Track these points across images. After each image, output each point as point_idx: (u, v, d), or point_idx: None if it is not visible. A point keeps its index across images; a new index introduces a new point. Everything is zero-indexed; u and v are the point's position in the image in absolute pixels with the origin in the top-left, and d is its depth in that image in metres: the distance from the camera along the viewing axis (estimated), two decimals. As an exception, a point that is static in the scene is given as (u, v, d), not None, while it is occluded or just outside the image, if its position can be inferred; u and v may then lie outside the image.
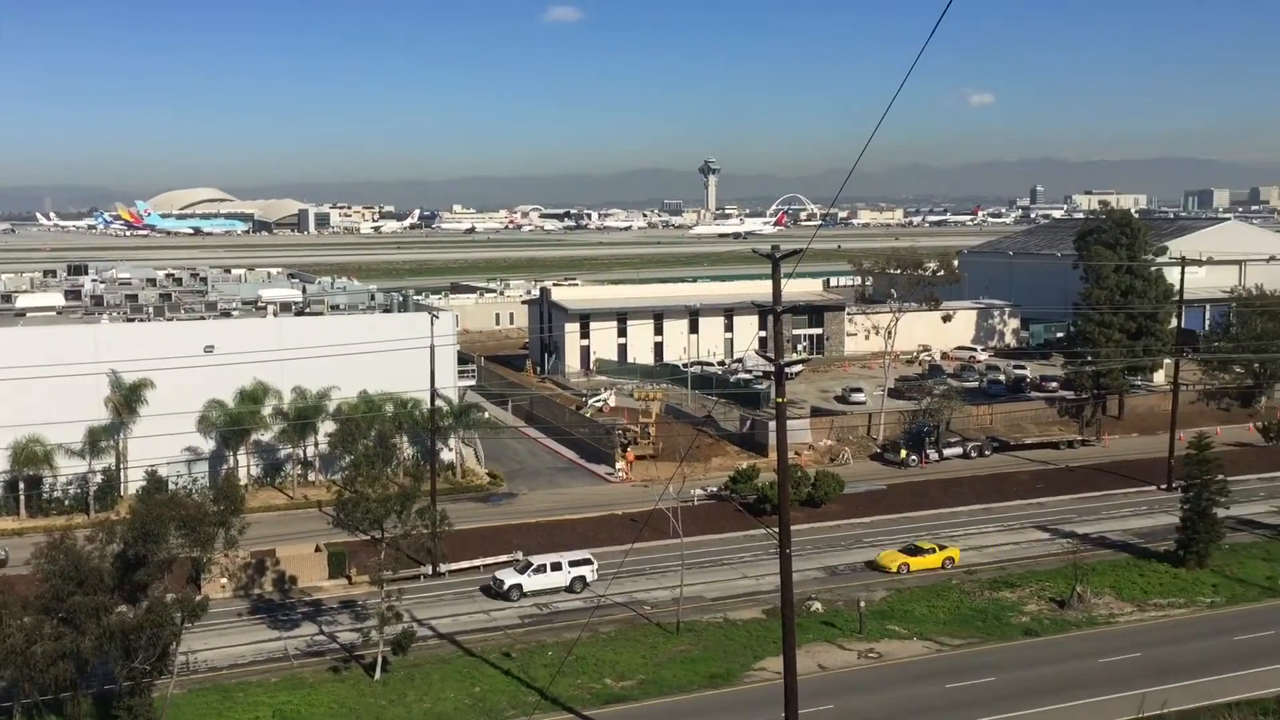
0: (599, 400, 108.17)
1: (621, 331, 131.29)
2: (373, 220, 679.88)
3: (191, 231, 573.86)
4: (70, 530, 49.55)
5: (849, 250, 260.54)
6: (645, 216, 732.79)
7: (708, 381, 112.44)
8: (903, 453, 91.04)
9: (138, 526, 46.29)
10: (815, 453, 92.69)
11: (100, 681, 47.82)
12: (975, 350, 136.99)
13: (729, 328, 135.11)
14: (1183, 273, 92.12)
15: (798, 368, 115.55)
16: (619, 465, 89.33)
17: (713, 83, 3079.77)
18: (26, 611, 44.36)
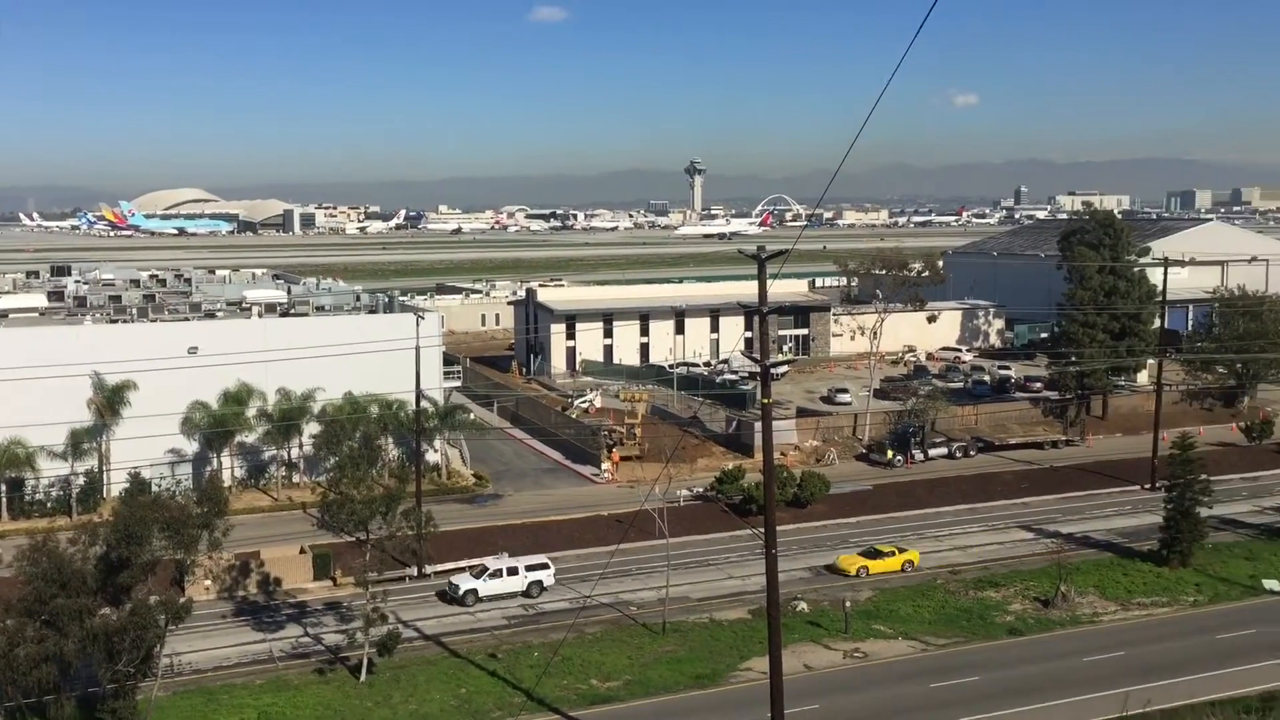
0: (585, 401, 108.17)
1: (607, 332, 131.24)
2: (358, 221, 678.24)
3: (176, 232, 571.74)
4: (53, 532, 49.34)
5: (834, 251, 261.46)
6: (631, 217, 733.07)
7: (693, 382, 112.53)
8: (889, 453, 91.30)
9: (121, 528, 46.16)
10: (801, 453, 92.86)
11: (84, 684, 47.62)
12: (960, 351, 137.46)
13: (715, 328, 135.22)
14: (1165, 273, 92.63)
15: (783, 368, 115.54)
16: (605, 466, 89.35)
17: (699, 83, 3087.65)
18: (9, 614, 44.14)
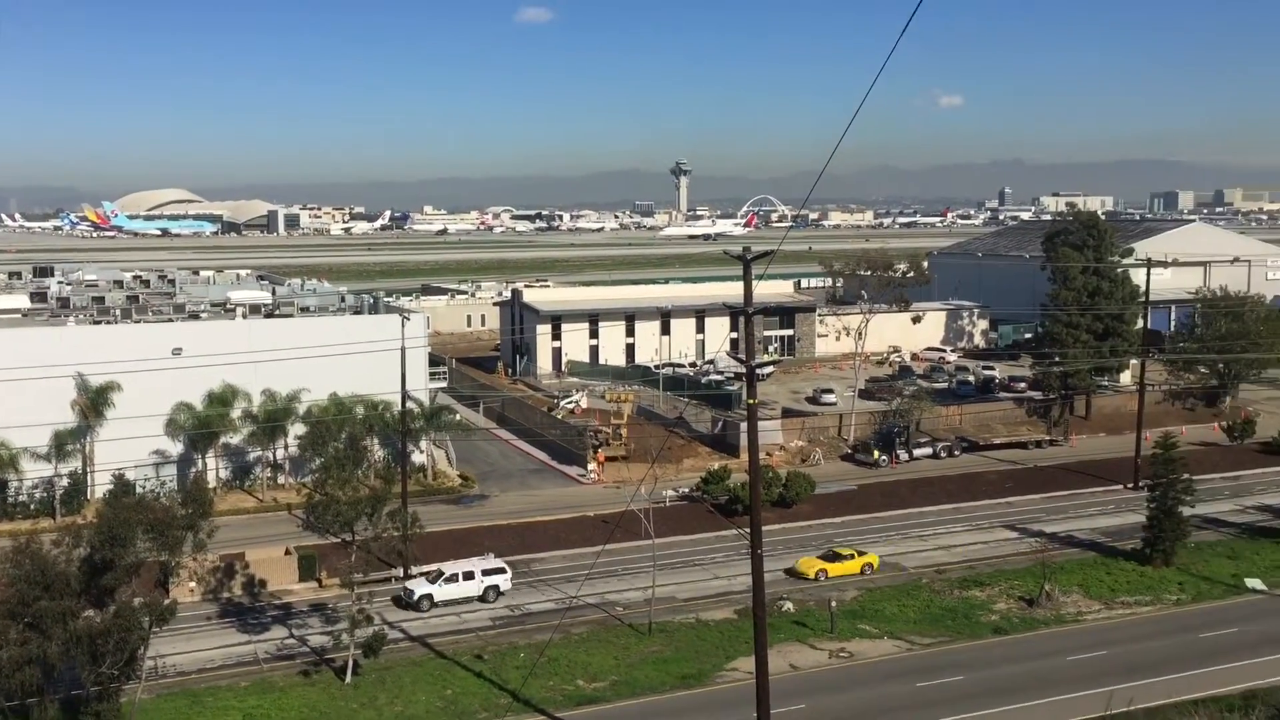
0: (570, 402, 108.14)
1: (593, 333, 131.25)
2: (343, 221, 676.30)
3: (159, 233, 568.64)
4: (36, 534, 49.07)
5: (820, 252, 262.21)
6: (617, 218, 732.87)
7: (679, 383, 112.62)
8: (875, 453, 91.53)
9: (105, 530, 45.98)
10: (786, 453, 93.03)
11: (67, 687, 47.38)
12: (945, 351, 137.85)
13: (700, 329, 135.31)
14: (1148, 274, 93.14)
15: (769, 369, 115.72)
16: (591, 467, 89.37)
17: (685, 84, 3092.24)
18: (-8, 617, 43.87)
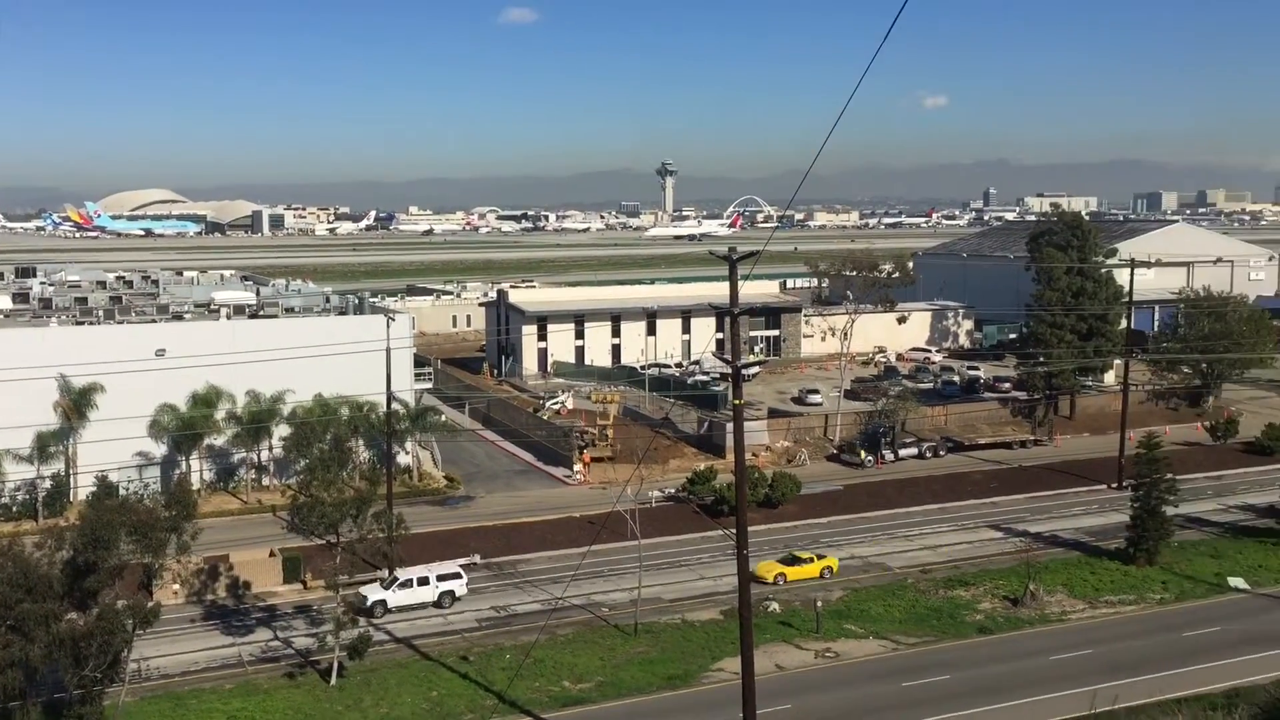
0: (556, 403, 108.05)
1: (579, 334, 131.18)
2: (328, 222, 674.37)
3: (142, 233, 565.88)
4: (18, 537, 48.99)
5: (805, 252, 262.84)
6: (603, 218, 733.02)
7: (665, 383, 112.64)
8: (862, 453, 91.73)
9: (88, 532, 45.75)
10: (772, 454, 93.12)
11: (50, 690, 47.11)
12: (930, 351, 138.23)
13: (686, 329, 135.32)
14: (1132, 274, 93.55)
15: (755, 369, 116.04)
16: (576, 468, 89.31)
17: (671, 85, 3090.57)
18: (-27, 620, 43.61)
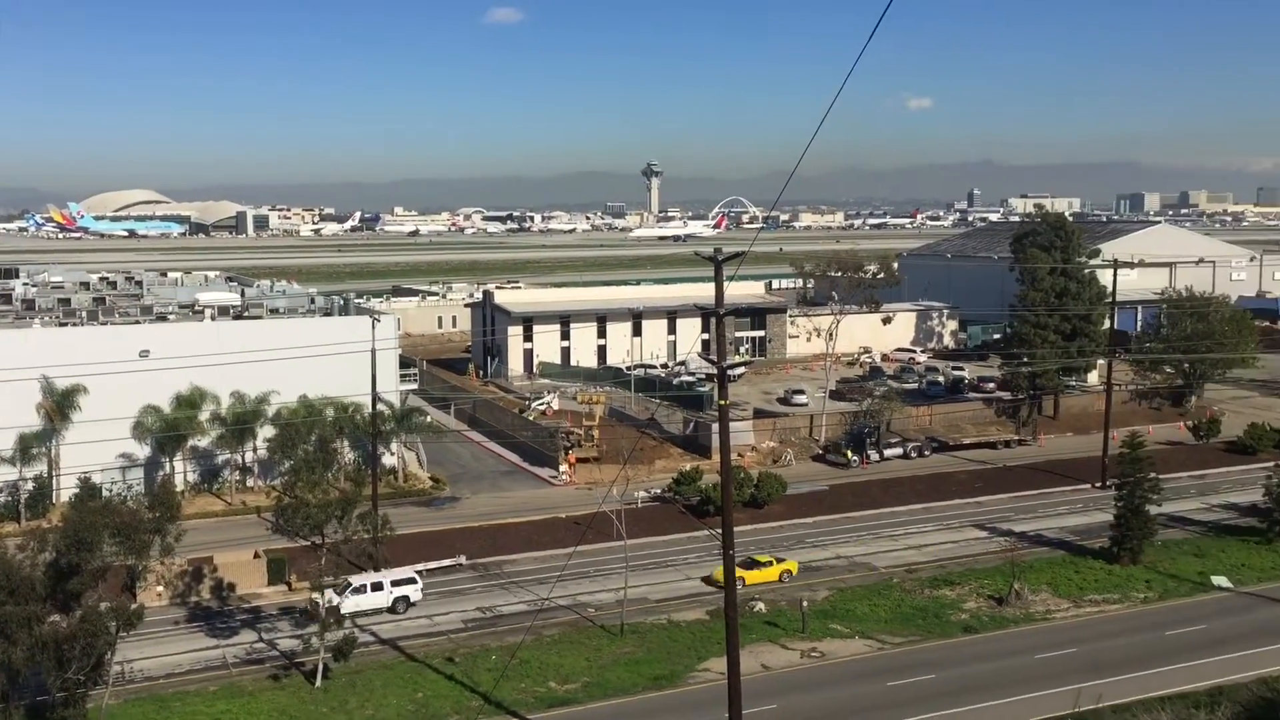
0: (542, 403, 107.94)
1: (564, 334, 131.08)
2: (313, 223, 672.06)
3: (126, 234, 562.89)
4: (1, 539, 48.60)
5: (791, 253, 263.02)
6: (588, 219, 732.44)
7: (651, 384, 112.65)
8: (848, 453, 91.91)
9: (71, 534, 45.59)
10: (758, 454, 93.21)
11: (33, 692, 46.85)
12: (915, 352, 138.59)
13: (672, 330, 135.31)
14: (1115, 275, 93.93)
15: (740, 370, 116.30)
16: (562, 468, 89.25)
17: (657, 85, 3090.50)
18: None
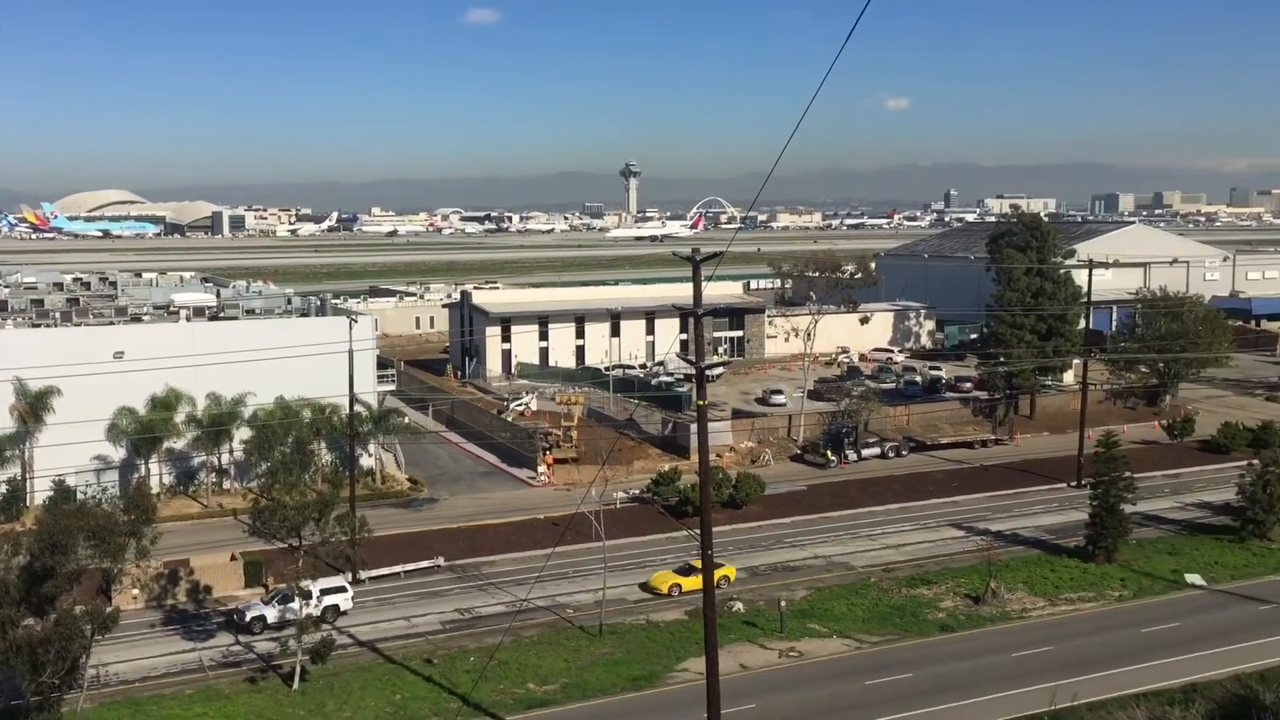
0: (520, 404, 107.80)
1: (543, 335, 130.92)
2: (289, 223, 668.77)
3: (100, 234, 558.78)
4: (-27, 542, 48.16)
5: (769, 253, 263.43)
6: (567, 219, 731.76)
7: (629, 384, 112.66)
8: (828, 453, 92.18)
9: (45, 537, 45.31)
10: (736, 454, 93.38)
11: (6, 697, 46.61)
12: (892, 352, 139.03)
13: (650, 330, 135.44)
14: (1090, 275, 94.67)
15: (719, 370, 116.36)
16: (541, 469, 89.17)
17: (635, 85, 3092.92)
18: (-72, 627, 43.02)
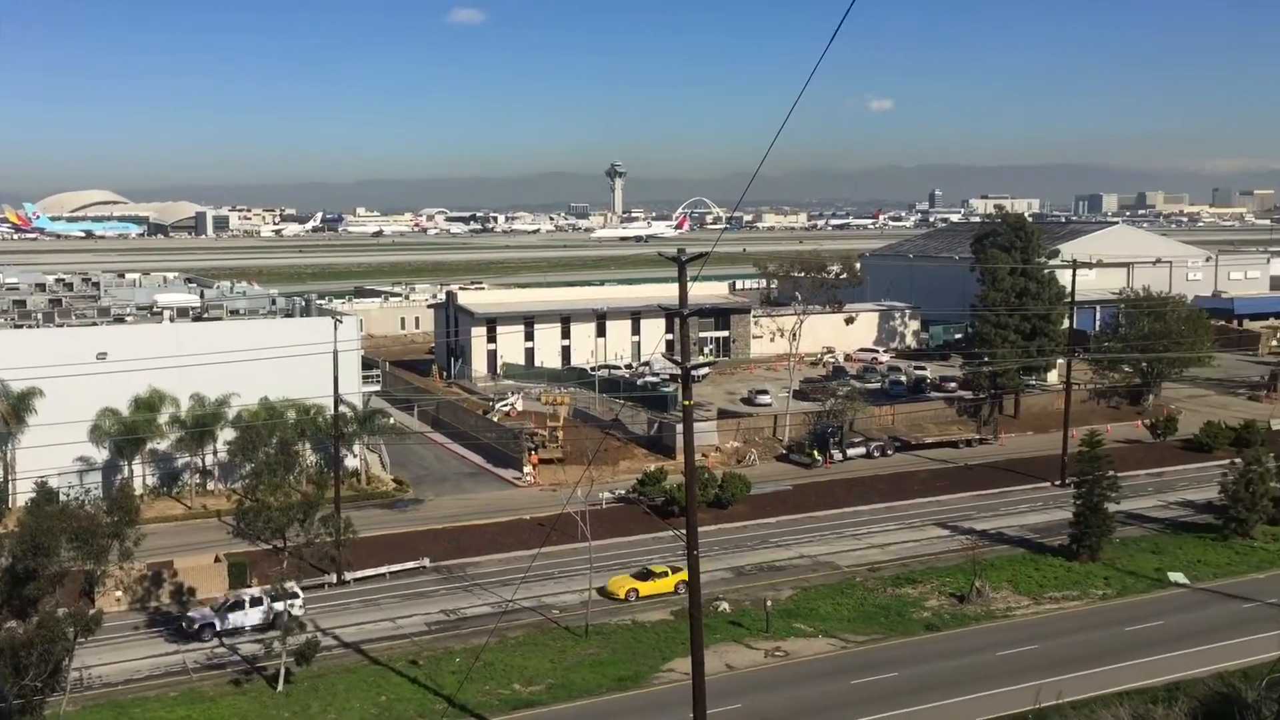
0: (506, 404, 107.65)
1: (529, 335, 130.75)
2: (274, 223, 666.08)
3: (83, 234, 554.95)
4: (-45, 545, 47.84)
5: (754, 253, 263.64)
6: (552, 220, 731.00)
7: (615, 385, 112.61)
8: (814, 453, 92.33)
9: (27, 539, 45.07)
10: (722, 454, 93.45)
11: (-12, 701, 46.22)
12: (877, 352, 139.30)
13: (636, 331, 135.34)
14: (1074, 275, 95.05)
15: (704, 370, 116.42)
16: (526, 470, 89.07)
17: (620, 86, 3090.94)
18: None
